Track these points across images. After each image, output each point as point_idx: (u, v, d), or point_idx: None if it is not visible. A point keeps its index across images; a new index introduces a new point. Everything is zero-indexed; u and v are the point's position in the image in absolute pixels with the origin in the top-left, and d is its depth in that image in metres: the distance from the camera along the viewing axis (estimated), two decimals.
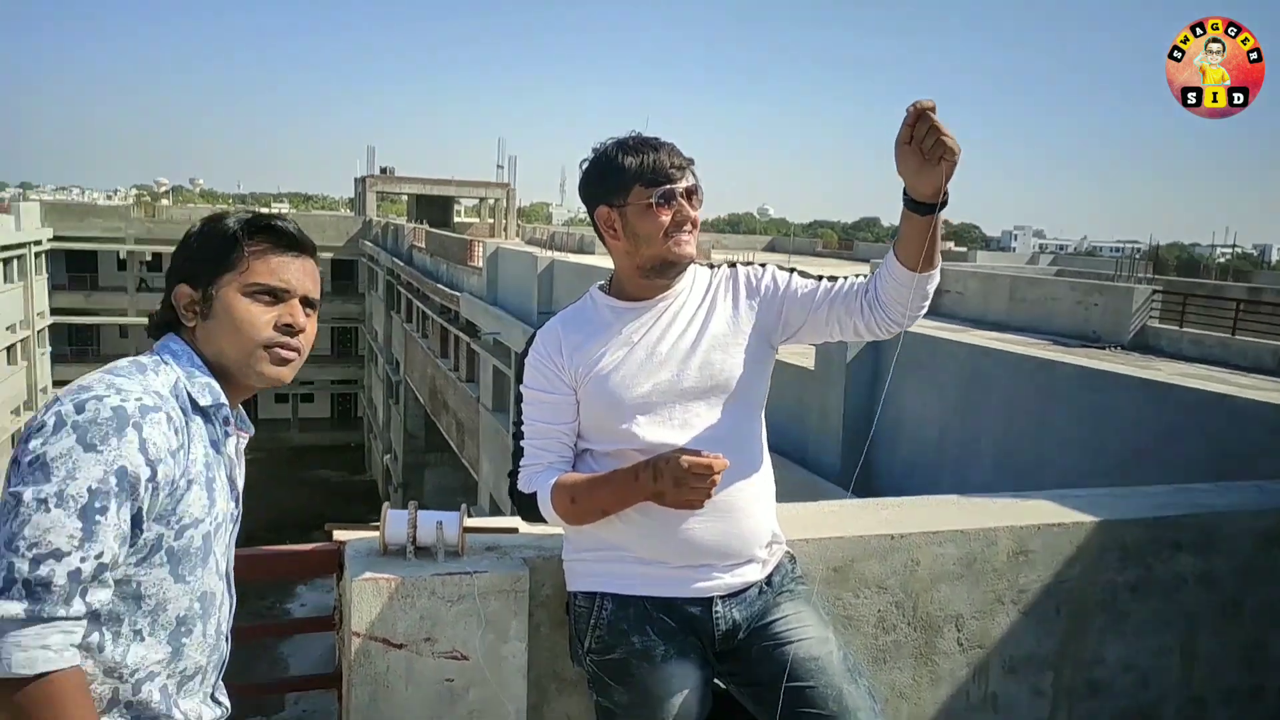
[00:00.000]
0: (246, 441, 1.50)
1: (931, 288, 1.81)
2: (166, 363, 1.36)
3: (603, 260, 18.45)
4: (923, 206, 1.68)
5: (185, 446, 1.31)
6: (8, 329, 34.78)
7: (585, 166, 1.90)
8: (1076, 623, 2.58)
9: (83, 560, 1.19)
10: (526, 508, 1.91)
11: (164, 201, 70.32)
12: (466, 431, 24.94)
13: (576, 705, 2.14)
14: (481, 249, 25.35)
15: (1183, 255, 66.64)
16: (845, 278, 1.94)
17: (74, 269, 42.59)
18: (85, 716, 1.20)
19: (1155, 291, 14.46)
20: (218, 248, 1.39)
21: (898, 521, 2.47)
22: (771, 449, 2.05)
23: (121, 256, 43.42)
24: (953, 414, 8.70)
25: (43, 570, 1.17)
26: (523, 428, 1.92)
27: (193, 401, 1.35)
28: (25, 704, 1.17)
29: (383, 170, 52.98)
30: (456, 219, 50.61)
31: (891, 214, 1.81)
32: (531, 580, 2.02)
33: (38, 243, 38.13)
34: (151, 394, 1.28)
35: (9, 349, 34.99)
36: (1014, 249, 70.62)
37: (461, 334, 25.66)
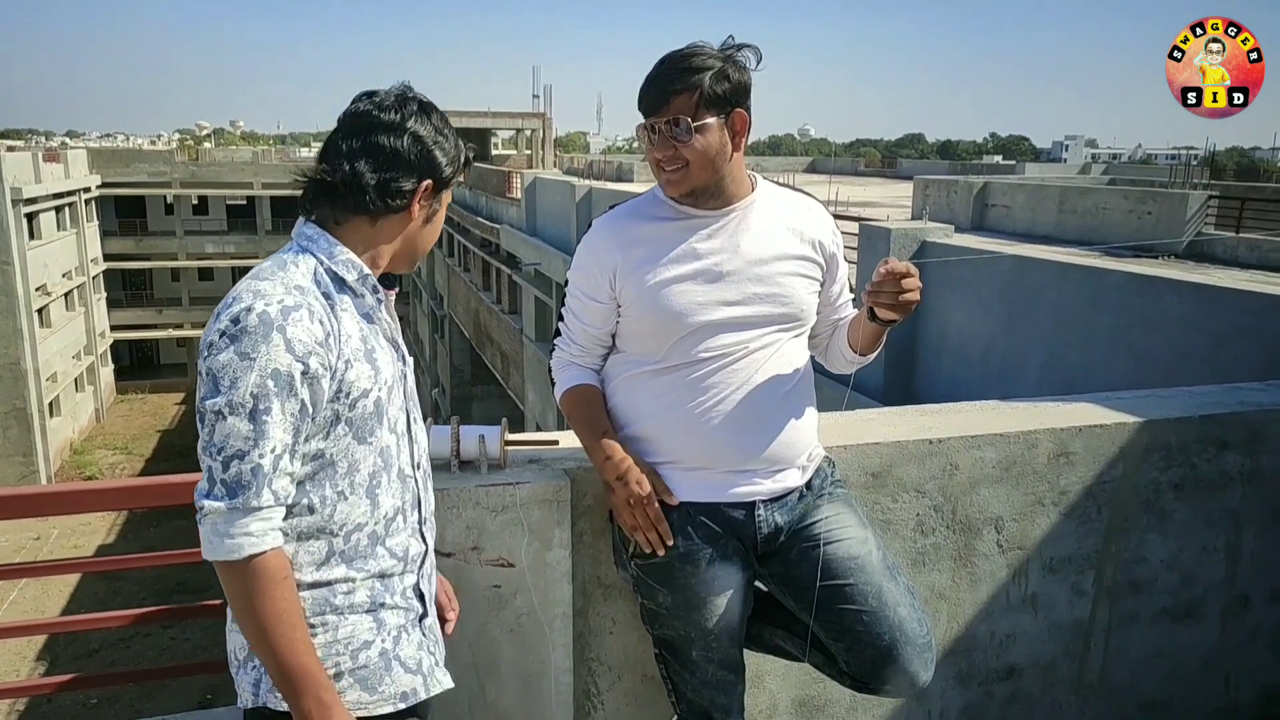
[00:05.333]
0: (394, 298, 1.60)
1: (865, 364, 2.11)
2: (305, 249, 1.46)
3: (641, 188, 18.28)
4: (880, 321, 1.90)
5: (334, 332, 1.41)
6: (64, 276, 35.54)
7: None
8: (1118, 522, 2.59)
9: (260, 456, 1.34)
10: (554, 384, 2.06)
11: (206, 144, 70.77)
12: (511, 363, 25.20)
13: (620, 609, 2.21)
14: (519, 180, 25.24)
15: (1242, 160, 64.10)
16: (853, 309, 2.09)
17: (123, 215, 43.24)
18: (287, 591, 1.38)
19: (1211, 197, 13.96)
20: (458, 160, 1.54)
21: (936, 427, 2.47)
22: (815, 369, 2.07)
23: (169, 200, 43.97)
24: (997, 328, 8.58)
25: (232, 469, 1.33)
26: (564, 312, 2.01)
27: (338, 280, 1.45)
28: (237, 583, 1.35)
29: None
30: (494, 151, 50.28)
31: (934, 130, 1.86)
32: (573, 490, 2.08)
33: (87, 190, 38.63)
34: (293, 291, 1.38)
35: (66, 295, 35.78)
36: (1065, 160, 68.55)
37: (503, 266, 25.74)
